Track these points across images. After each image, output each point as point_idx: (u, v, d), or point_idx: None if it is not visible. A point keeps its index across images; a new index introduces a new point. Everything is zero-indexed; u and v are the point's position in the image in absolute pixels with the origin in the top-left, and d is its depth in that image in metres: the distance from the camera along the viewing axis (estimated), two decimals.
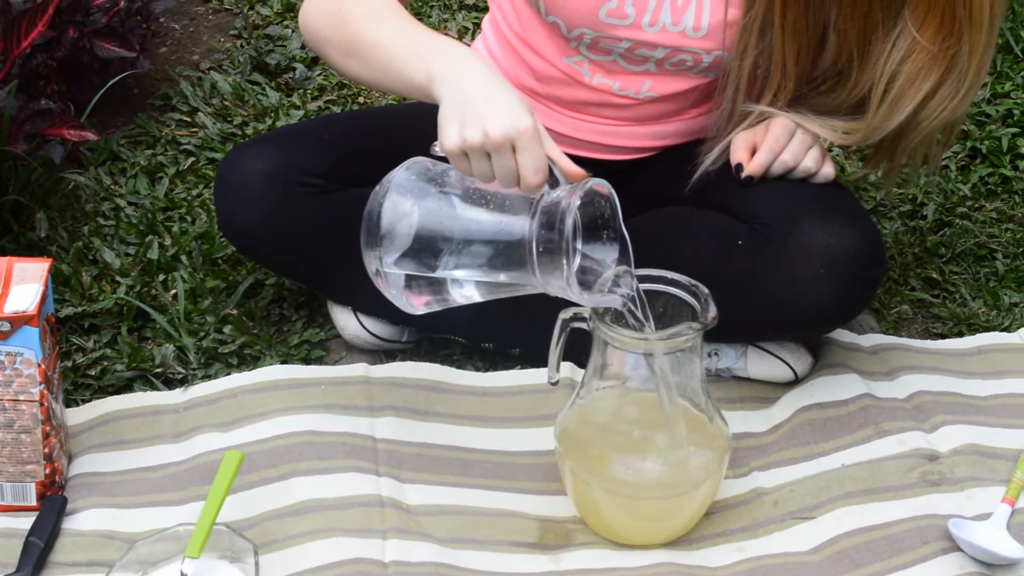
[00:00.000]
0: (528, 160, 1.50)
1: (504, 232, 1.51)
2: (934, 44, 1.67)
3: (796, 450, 1.78)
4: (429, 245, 1.52)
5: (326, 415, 1.77)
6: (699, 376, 1.60)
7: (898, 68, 1.70)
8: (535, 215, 1.50)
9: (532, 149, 1.50)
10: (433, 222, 1.53)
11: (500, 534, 1.66)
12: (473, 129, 1.50)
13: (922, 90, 1.70)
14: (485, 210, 1.52)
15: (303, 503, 1.66)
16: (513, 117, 1.50)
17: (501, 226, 1.51)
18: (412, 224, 1.52)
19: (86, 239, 2.09)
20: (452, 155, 1.52)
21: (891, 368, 1.90)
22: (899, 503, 1.69)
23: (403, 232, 1.53)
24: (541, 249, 1.48)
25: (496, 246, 1.51)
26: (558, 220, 1.47)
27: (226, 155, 1.87)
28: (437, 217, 1.53)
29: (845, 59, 1.75)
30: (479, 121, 1.50)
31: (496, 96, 1.52)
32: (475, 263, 1.52)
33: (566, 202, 1.48)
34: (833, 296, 1.72)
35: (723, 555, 1.65)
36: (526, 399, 1.84)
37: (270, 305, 2.00)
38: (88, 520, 1.65)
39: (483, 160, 1.51)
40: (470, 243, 1.51)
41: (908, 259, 2.13)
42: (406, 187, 1.54)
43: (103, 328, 1.95)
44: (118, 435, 1.77)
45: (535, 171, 1.50)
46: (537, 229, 1.49)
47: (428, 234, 1.53)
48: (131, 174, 2.25)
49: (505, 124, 1.49)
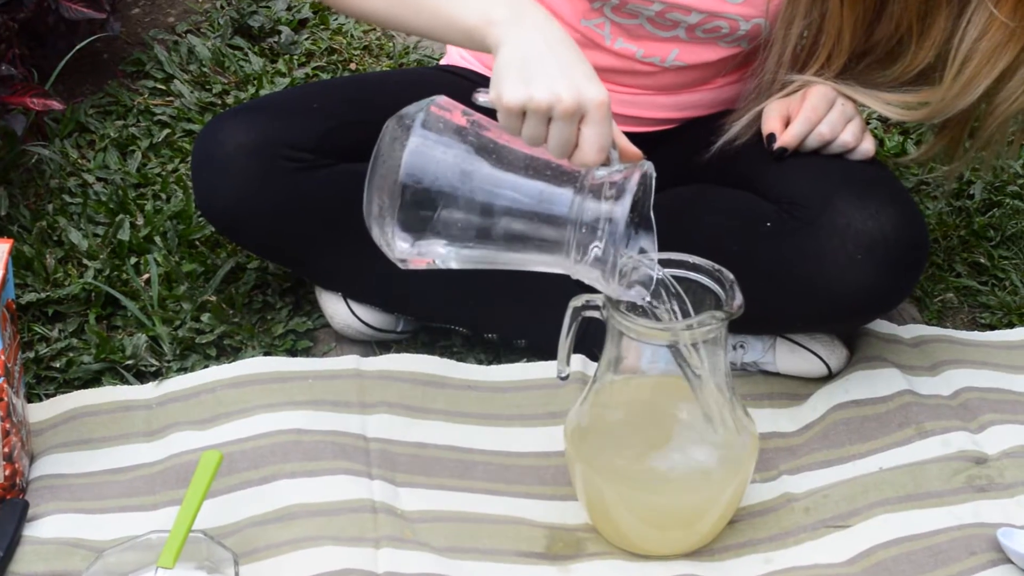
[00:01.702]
0: (594, 135, 1.48)
1: (542, 204, 1.49)
2: (1013, 19, 1.67)
3: (829, 452, 1.78)
4: (450, 202, 1.50)
5: (313, 412, 1.78)
6: (723, 370, 1.59)
7: (973, 45, 1.69)
8: (582, 191, 1.48)
9: (602, 124, 1.48)
10: (460, 179, 1.50)
11: (504, 543, 1.66)
12: (542, 89, 1.47)
13: (997, 68, 1.70)
14: (523, 176, 1.50)
15: (288, 508, 1.66)
16: (590, 85, 1.47)
17: (540, 197, 1.49)
18: (435, 178, 1.49)
19: (50, 218, 2.09)
20: (507, 111, 1.49)
21: (934, 362, 1.90)
22: (943, 510, 1.69)
23: (422, 184, 1.50)
24: (584, 230, 1.47)
25: (529, 217, 1.50)
26: (613, 199, 1.46)
27: (204, 127, 1.87)
28: (465, 174, 1.50)
29: (904, 31, 1.75)
30: (550, 82, 1.47)
31: (570, 58, 1.49)
32: (499, 231, 1.51)
33: (622, 184, 1.47)
34: (870, 284, 1.71)
35: (749, 567, 1.65)
36: (533, 395, 1.85)
37: (252, 291, 2.00)
38: (51, 526, 1.65)
39: (540, 124, 1.49)
40: (498, 209, 1.50)
41: (953, 242, 2.13)
42: (431, 134, 1.50)
43: (69, 316, 1.95)
44: (85, 433, 1.77)
45: (599, 149, 1.48)
46: (583, 208, 1.48)
47: (452, 191, 1.50)
48: (100, 147, 2.25)
49: (581, 92, 1.47)
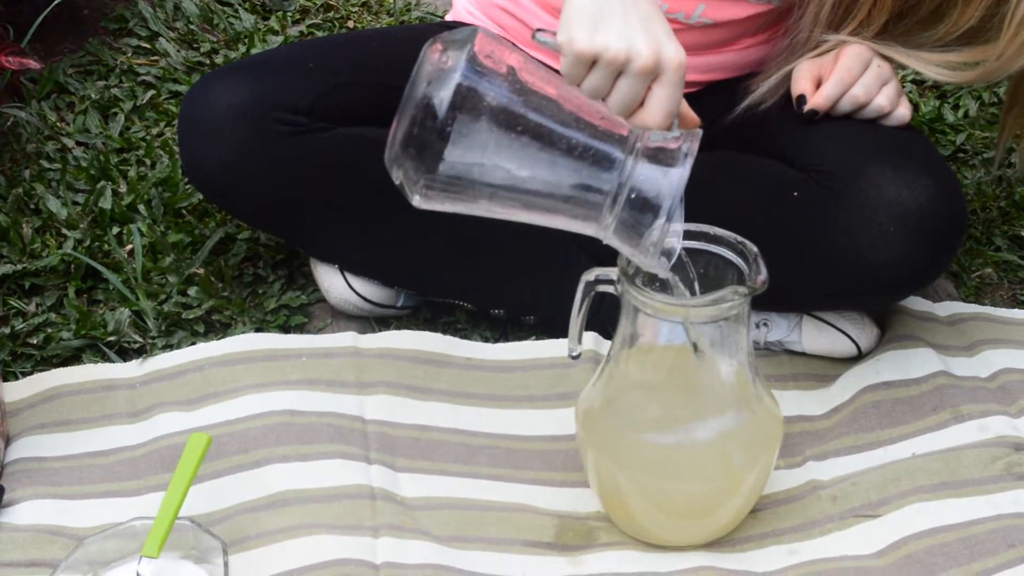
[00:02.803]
0: (665, 98, 1.46)
1: (588, 162, 1.48)
2: None
3: (859, 437, 1.78)
4: (489, 146, 1.48)
5: (308, 392, 1.78)
6: (746, 350, 1.59)
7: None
8: (633, 153, 1.47)
9: (675, 87, 1.47)
10: (503, 122, 1.48)
11: (510, 532, 1.66)
12: (618, 40, 1.45)
13: None
14: (572, 129, 1.49)
15: (280, 494, 1.66)
16: (670, 45, 1.46)
17: (587, 154, 1.48)
18: (477, 117, 1.47)
19: (27, 185, 2.09)
20: (576, 57, 1.47)
21: (971, 342, 1.90)
22: (980, 500, 1.69)
23: (462, 123, 1.48)
24: (634, 196, 1.46)
25: (572, 173, 1.48)
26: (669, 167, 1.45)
27: (192, 87, 1.86)
28: (510, 117, 1.48)
29: None
30: (629, 34, 1.46)
31: (650, 11, 1.48)
32: (535, 182, 1.49)
33: (680, 151, 1.46)
34: (903, 258, 1.70)
35: (772, 559, 1.65)
36: (542, 375, 1.85)
37: (243, 263, 2.00)
38: (29, 513, 1.65)
39: (608, 77, 1.47)
40: (539, 159, 1.48)
41: (993, 214, 2.13)
42: (478, 68, 1.48)
43: (47, 289, 1.96)
44: (64, 414, 1.77)
45: (667, 113, 1.47)
46: (635, 172, 1.46)
47: (492, 134, 1.48)
48: (80, 109, 2.25)
49: (661, 49, 1.46)
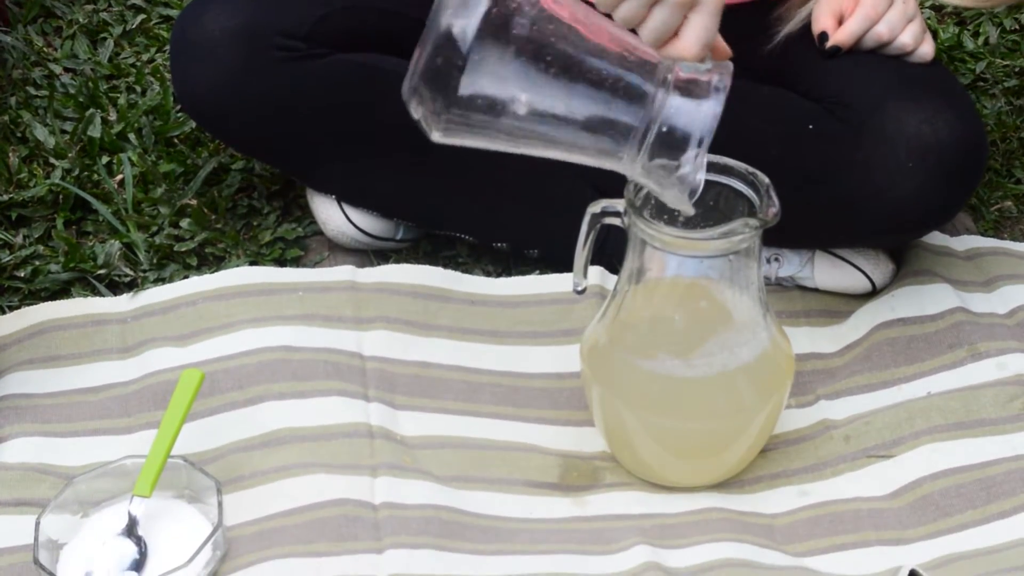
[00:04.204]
0: (702, 27, 1.46)
1: (618, 93, 1.47)
2: None
3: (872, 375, 1.78)
4: (517, 77, 1.48)
5: (304, 327, 1.78)
6: (756, 285, 1.59)
7: None
8: (665, 86, 1.47)
9: (713, 16, 1.46)
10: (532, 51, 1.47)
11: (513, 472, 1.67)
12: None
13: None
14: (601, 59, 1.48)
15: (276, 432, 1.67)
16: None
17: (617, 85, 1.47)
18: (505, 46, 1.47)
19: (13, 112, 2.09)
20: None
21: (989, 277, 1.90)
22: (997, 439, 1.70)
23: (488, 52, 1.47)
24: (665, 130, 1.46)
25: (600, 105, 1.48)
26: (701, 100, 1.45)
27: (184, 10, 1.86)
28: (539, 47, 1.47)
29: None
30: None
31: None
32: (561, 114, 1.49)
33: (713, 83, 1.46)
34: (922, 196, 1.71)
35: (782, 500, 1.66)
36: (546, 310, 1.85)
37: (237, 195, 2.00)
38: (16, 451, 1.66)
39: (644, 5, 1.47)
40: (567, 92, 1.48)
41: (1013, 145, 2.12)
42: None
43: (34, 220, 1.96)
44: (53, 349, 1.78)
45: (704, 44, 1.47)
46: (667, 105, 1.46)
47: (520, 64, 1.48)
48: (68, 34, 2.25)
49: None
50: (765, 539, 1.61)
